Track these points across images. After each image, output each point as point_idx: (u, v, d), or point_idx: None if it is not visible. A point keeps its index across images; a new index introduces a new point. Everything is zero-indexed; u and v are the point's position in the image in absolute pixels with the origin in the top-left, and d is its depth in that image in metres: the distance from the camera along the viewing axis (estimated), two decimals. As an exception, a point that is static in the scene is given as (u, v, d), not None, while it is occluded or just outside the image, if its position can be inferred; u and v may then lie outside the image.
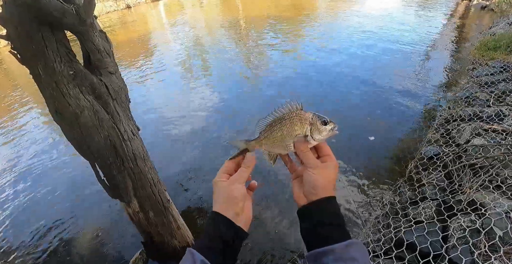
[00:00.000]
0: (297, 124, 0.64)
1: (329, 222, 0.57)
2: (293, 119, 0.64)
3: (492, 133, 3.12)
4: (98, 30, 1.90)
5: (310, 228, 0.57)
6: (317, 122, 0.64)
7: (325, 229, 0.56)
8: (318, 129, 0.63)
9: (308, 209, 0.59)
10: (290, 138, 0.65)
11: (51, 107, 1.76)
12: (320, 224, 0.57)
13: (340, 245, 0.53)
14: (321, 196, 0.58)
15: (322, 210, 0.58)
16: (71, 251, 2.74)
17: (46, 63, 1.64)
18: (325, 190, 0.59)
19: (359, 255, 0.52)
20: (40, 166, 4.15)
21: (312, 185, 0.59)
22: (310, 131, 0.64)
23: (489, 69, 5.00)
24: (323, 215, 0.57)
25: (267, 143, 0.67)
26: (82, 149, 1.80)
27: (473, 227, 2.02)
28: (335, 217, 0.58)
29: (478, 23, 9.35)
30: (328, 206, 0.58)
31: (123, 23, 15.20)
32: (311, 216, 0.58)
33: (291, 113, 0.65)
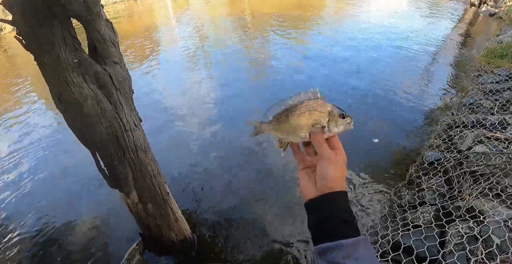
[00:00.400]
0: (316, 113, 0.62)
1: (340, 216, 0.55)
2: (312, 108, 0.62)
3: (494, 141, 3.11)
4: (104, 20, 1.88)
5: (319, 221, 0.56)
6: (336, 114, 0.62)
7: (335, 224, 0.54)
8: (336, 121, 0.61)
9: (320, 202, 0.57)
10: (306, 127, 0.62)
11: (54, 95, 1.75)
12: (331, 218, 0.55)
13: (350, 240, 0.51)
14: (335, 189, 0.57)
15: (334, 204, 0.56)
16: (68, 239, 2.74)
17: (51, 51, 1.63)
18: (339, 184, 0.57)
19: (368, 253, 0.51)
20: (40, 152, 4.15)
21: (327, 178, 0.57)
22: (327, 122, 0.61)
23: (495, 77, 4.98)
24: (335, 209, 0.56)
25: (281, 128, 0.64)
26: (83, 138, 1.79)
27: (470, 234, 2.02)
28: (347, 212, 0.56)
29: (485, 30, 9.30)
30: (341, 200, 0.57)
31: (129, 14, 15.14)
32: (322, 209, 0.57)
33: (310, 101, 0.62)
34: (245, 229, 2.70)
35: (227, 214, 2.87)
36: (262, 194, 3.10)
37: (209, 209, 2.95)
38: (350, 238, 0.51)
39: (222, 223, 2.78)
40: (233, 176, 3.40)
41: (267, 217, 2.83)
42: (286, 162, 3.48)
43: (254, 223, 2.76)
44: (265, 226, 2.72)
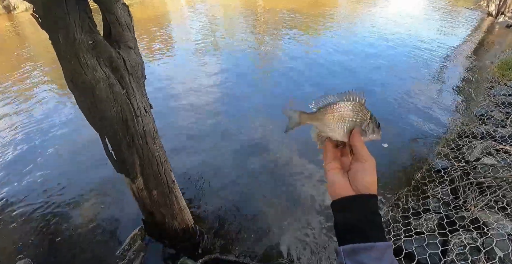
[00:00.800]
0: (359, 116, 0.63)
1: (373, 219, 0.55)
2: (357, 109, 0.63)
3: (503, 154, 3.07)
4: (121, 3, 1.86)
5: (354, 221, 0.55)
6: (374, 121, 0.64)
7: (368, 225, 0.54)
8: (373, 129, 0.64)
9: (356, 202, 0.57)
10: (349, 125, 0.63)
11: (67, 75, 1.74)
12: (364, 218, 0.55)
13: (382, 244, 0.51)
14: (372, 192, 0.57)
15: (370, 206, 0.57)
16: (70, 222, 2.76)
17: (67, 31, 1.61)
18: (373, 186, 0.58)
19: (393, 259, 0.51)
20: (49, 133, 4.17)
21: (367, 179, 0.58)
22: (366, 127, 0.63)
23: (508, 90, 4.90)
24: (369, 211, 0.56)
25: (323, 120, 0.64)
26: (93, 120, 1.78)
27: (473, 244, 2.00)
28: (378, 216, 0.56)
29: (501, 42, 9.16)
30: (374, 203, 0.57)
31: (141, 1, 15.07)
32: (357, 208, 0.56)
33: (354, 103, 0.63)
34: (247, 222, 2.71)
35: (230, 207, 2.87)
36: (267, 188, 3.10)
37: (213, 200, 2.95)
38: (382, 242, 0.51)
39: (225, 215, 2.78)
40: (239, 169, 3.40)
41: (271, 211, 2.83)
42: (293, 157, 3.48)
43: (257, 217, 2.76)
44: (268, 220, 2.73)
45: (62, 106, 4.95)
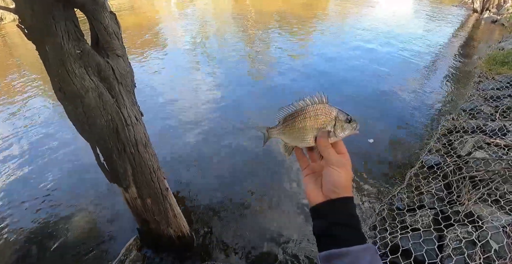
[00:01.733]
0: (321, 118, 0.61)
1: (347, 223, 0.54)
2: (318, 112, 0.62)
3: (494, 147, 3.11)
4: (108, 11, 1.86)
5: (325, 227, 0.55)
6: (342, 118, 0.61)
7: (342, 230, 0.53)
8: (342, 126, 0.61)
9: (327, 207, 0.56)
10: (311, 131, 0.62)
11: (55, 85, 1.73)
12: (337, 224, 0.54)
13: (356, 248, 0.50)
14: (342, 195, 0.56)
15: (341, 210, 0.55)
16: (64, 233, 2.71)
17: (54, 40, 1.60)
18: (346, 189, 0.56)
19: (375, 261, 0.50)
20: (40, 143, 4.11)
21: (335, 183, 0.56)
22: (333, 127, 0.61)
23: (496, 84, 4.99)
24: (342, 215, 0.55)
25: (286, 133, 0.65)
26: (83, 130, 1.77)
27: (469, 238, 2.01)
28: (353, 219, 0.55)
29: (487, 37, 9.33)
30: (348, 206, 0.56)
31: (132, 7, 15.05)
32: (329, 215, 0.55)
33: (316, 106, 0.62)
34: (244, 227, 2.69)
35: (226, 212, 2.86)
36: (262, 193, 3.09)
37: (208, 206, 2.93)
38: (357, 245, 0.50)
39: (221, 220, 2.76)
40: (234, 174, 3.39)
41: (267, 215, 2.82)
42: (286, 161, 3.48)
43: (253, 221, 2.75)
44: (264, 224, 2.71)
45: (51, 116, 4.90)
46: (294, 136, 0.64)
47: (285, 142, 0.67)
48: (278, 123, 0.66)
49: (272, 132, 0.67)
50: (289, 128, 0.64)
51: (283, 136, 0.66)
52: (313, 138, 0.62)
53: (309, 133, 0.62)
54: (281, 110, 0.66)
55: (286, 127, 0.64)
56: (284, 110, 0.65)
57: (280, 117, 0.66)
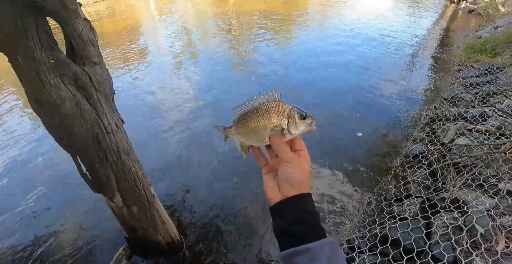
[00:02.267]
0: (274, 116, 0.61)
1: (305, 220, 0.54)
2: (270, 110, 0.61)
3: (475, 133, 3.20)
4: (82, 18, 1.82)
5: (284, 227, 0.55)
6: (295, 115, 0.60)
7: (301, 228, 0.54)
8: (296, 123, 0.60)
9: (284, 206, 0.56)
10: (265, 130, 0.61)
11: (31, 97, 1.69)
12: (296, 222, 0.54)
13: (316, 243, 0.51)
14: (298, 192, 0.56)
15: (299, 208, 0.55)
16: (51, 246, 2.65)
17: (25, 51, 1.57)
18: (302, 186, 0.56)
19: (335, 254, 0.51)
20: (22, 155, 4.00)
21: (289, 181, 0.56)
22: (287, 125, 0.60)
23: (475, 71, 5.12)
24: (300, 213, 0.55)
25: (241, 133, 0.64)
26: (62, 141, 1.73)
27: (455, 224, 2.06)
28: (312, 215, 0.55)
29: (464, 26, 9.56)
30: (305, 203, 0.56)
31: (111, 13, 14.81)
32: (287, 213, 0.55)
33: (268, 104, 0.61)
34: (234, 231, 2.68)
35: (216, 216, 2.84)
36: (251, 196, 3.07)
37: (197, 210, 2.91)
38: (316, 241, 0.51)
39: (211, 224, 2.74)
40: (221, 177, 3.37)
41: (257, 219, 2.80)
42: None
43: (243, 225, 2.74)
44: (254, 228, 2.70)
45: (33, 126, 4.78)
46: (248, 135, 0.64)
47: (241, 141, 0.66)
48: (233, 123, 0.66)
49: (229, 132, 0.67)
50: (243, 128, 0.64)
51: (239, 136, 0.65)
52: (268, 136, 0.62)
53: (263, 132, 0.62)
54: (235, 109, 0.65)
55: (240, 126, 0.64)
56: (237, 110, 0.65)
57: (235, 117, 0.65)
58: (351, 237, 2.33)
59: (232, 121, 0.66)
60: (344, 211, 2.76)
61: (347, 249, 2.23)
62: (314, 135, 3.87)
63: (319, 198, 2.91)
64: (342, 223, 2.63)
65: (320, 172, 3.27)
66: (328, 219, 2.69)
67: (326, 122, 4.18)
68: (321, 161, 3.43)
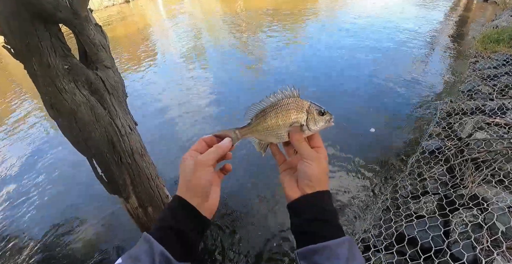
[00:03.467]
0: (293, 112, 0.61)
1: (324, 218, 0.54)
2: (289, 107, 0.61)
3: (494, 127, 3.09)
4: (93, 24, 1.86)
5: (304, 224, 0.54)
6: (314, 111, 0.61)
7: (318, 226, 0.53)
8: (315, 119, 0.60)
9: (303, 203, 0.56)
10: (284, 127, 0.61)
11: (47, 103, 1.74)
12: (313, 220, 0.54)
13: (334, 242, 0.50)
14: (318, 189, 0.56)
15: (318, 205, 0.55)
16: (68, 246, 2.73)
17: (40, 58, 1.61)
18: (322, 183, 0.56)
19: (353, 253, 0.50)
20: (40, 159, 4.14)
21: (309, 177, 0.56)
22: (306, 121, 0.60)
23: (492, 62, 4.94)
24: (319, 210, 0.54)
25: (259, 130, 0.64)
26: (78, 144, 1.77)
27: (475, 222, 2.00)
28: (331, 213, 0.55)
29: (480, 16, 9.23)
30: (324, 200, 0.56)
31: (122, 18, 15.06)
32: (306, 210, 0.55)
33: (287, 100, 0.61)
34: (246, 232, 2.67)
35: (228, 216, 2.84)
36: (264, 195, 3.06)
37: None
38: (334, 239, 0.51)
39: (223, 225, 2.75)
40: (233, 176, 3.37)
41: (270, 219, 2.78)
42: None
43: (256, 226, 2.72)
44: (268, 229, 2.68)
45: (49, 130, 4.93)
46: (267, 133, 0.63)
47: (259, 139, 0.66)
48: (250, 122, 0.65)
49: (243, 132, 0.65)
50: (261, 126, 0.63)
51: (256, 134, 0.65)
52: (287, 133, 0.61)
53: (282, 129, 0.62)
54: (251, 107, 0.65)
55: (259, 124, 0.63)
56: (254, 107, 0.64)
57: (251, 115, 0.65)
58: (366, 235, 2.30)
59: (250, 119, 0.65)
60: (358, 209, 2.73)
61: (362, 248, 2.20)
62: (326, 131, 3.83)
63: (333, 196, 2.89)
64: (357, 221, 2.60)
65: (333, 170, 3.24)
66: (342, 217, 2.66)
67: (338, 118, 4.12)
68: (334, 158, 3.39)
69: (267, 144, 0.66)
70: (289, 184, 0.60)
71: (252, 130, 0.65)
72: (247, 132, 0.65)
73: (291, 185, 0.59)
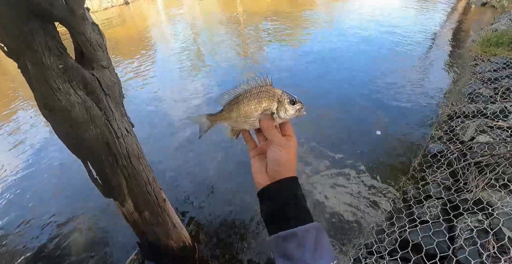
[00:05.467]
0: (264, 100, 0.62)
1: (295, 202, 0.54)
2: (261, 95, 0.62)
3: (497, 130, 3.05)
4: (90, 23, 1.81)
5: (276, 209, 0.54)
6: (285, 100, 0.61)
7: (291, 209, 0.54)
8: (285, 108, 0.61)
9: (274, 189, 0.56)
10: (256, 114, 0.62)
11: (40, 103, 1.68)
12: (287, 204, 0.54)
13: (302, 228, 0.51)
14: (286, 175, 0.56)
15: (287, 190, 0.55)
16: (63, 252, 2.66)
17: (34, 57, 1.56)
18: (290, 170, 0.57)
19: (320, 239, 0.51)
20: (35, 162, 4.06)
21: (278, 163, 0.56)
22: (277, 109, 0.61)
23: (492, 65, 4.93)
24: (290, 196, 0.55)
25: (231, 117, 0.65)
26: (73, 146, 1.72)
27: (480, 227, 1.95)
28: (297, 198, 0.55)
29: (479, 20, 9.27)
30: (294, 186, 0.56)
31: (121, 19, 15.03)
32: (278, 196, 0.55)
33: (259, 88, 0.62)
34: (248, 234, 2.62)
35: (229, 219, 2.78)
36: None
37: (209, 214, 2.86)
38: (301, 226, 0.51)
39: (224, 228, 2.69)
40: (233, 179, 3.31)
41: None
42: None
43: (257, 227, 2.68)
44: None
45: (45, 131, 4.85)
46: (239, 119, 0.64)
47: (232, 126, 0.67)
48: (222, 109, 0.66)
49: (215, 118, 0.67)
50: (234, 112, 0.64)
51: (229, 120, 0.66)
52: (258, 120, 0.63)
53: (253, 116, 0.63)
54: (224, 94, 0.65)
55: (232, 111, 0.64)
56: (227, 95, 0.65)
57: (224, 102, 0.65)
58: (369, 241, 2.24)
59: (222, 106, 0.66)
60: (360, 213, 2.67)
61: (366, 254, 2.14)
62: (331, 134, 3.81)
63: (335, 200, 2.83)
64: (359, 226, 2.54)
65: (335, 173, 3.18)
66: (344, 222, 2.60)
67: (343, 119, 4.09)
68: (337, 161, 3.34)
69: (239, 130, 0.68)
70: (259, 169, 0.60)
71: (225, 116, 0.66)
72: (220, 119, 0.67)
73: (261, 171, 0.60)
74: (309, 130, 3.86)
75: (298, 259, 0.48)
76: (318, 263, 0.48)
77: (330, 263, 0.49)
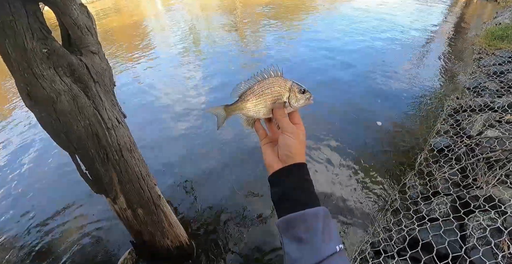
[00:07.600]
0: (277, 90, 0.65)
1: (301, 186, 0.57)
2: (273, 85, 0.65)
3: (506, 125, 2.95)
4: (77, 3, 1.65)
5: (282, 192, 0.57)
6: (296, 90, 0.65)
7: (302, 193, 0.56)
8: (296, 97, 0.65)
9: (286, 172, 0.59)
10: (269, 103, 0.66)
11: (22, 91, 1.53)
12: (292, 188, 0.57)
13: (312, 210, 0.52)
14: (297, 160, 0.59)
15: (299, 174, 0.58)
16: (55, 249, 2.53)
17: (15, 40, 1.40)
18: (300, 155, 0.60)
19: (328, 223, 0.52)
20: (25, 156, 3.89)
21: (289, 149, 0.59)
22: (288, 98, 0.65)
23: (497, 59, 4.82)
24: (301, 180, 0.58)
25: (247, 107, 0.68)
26: (59, 138, 1.58)
27: (494, 226, 1.85)
28: (307, 182, 0.58)
29: (480, 13, 9.14)
30: (304, 171, 0.59)
31: (117, 9, 14.67)
32: (288, 179, 0.58)
33: (272, 79, 0.65)
34: (247, 233, 2.50)
35: (228, 217, 2.65)
36: (264, 195, 2.88)
37: (208, 212, 2.72)
38: (312, 208, 0.53)
39: (223, 226, 2.56)
40: (232, 176, 3.16)
41: (271, 219, 2.61)
42: None
43: (256, 226, 2.56)
44: (268, 229, 2.52)
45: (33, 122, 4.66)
46: (254, 109, 0.67)
47: (246, 116, 0.69)
48: (238, 99, 0.68)
49: (232, 108, 0.69)
50: (249, 102, 0.67)
51: (245, 110, 0.68)
52: (271, 109, 0.66)
53: (266, 105, 0.66)
54: (239, 86, 0.68)
55: (247, 101, 0.67)
56: (241, 86, 0.67)
57: (239, 93, 0.68)
58: (375, 239, 2.13)
59: (238, 97, 0.68)
60: (366, 210, 2.55)
61: (372, 254, 2.03)
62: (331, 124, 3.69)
63: (338, 196, 2.71)
64: (364, 224, 2.42)
65: (338, 168, 3.06)
66: (349, 219, 2.48)
67: (344, 111, 3.99)
68: (339, 154, 3.22)
69: (254, 120, 0.70)
70: (270, 154, 0.63)
71: (240, 107, 0.68)
72: (236, 109, 0.69)
73: (272, 156, 0.62)
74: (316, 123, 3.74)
75: (307, 241, 0.50)
76: (326, 245, 0.49)
77: (337, 246, 0.50)
